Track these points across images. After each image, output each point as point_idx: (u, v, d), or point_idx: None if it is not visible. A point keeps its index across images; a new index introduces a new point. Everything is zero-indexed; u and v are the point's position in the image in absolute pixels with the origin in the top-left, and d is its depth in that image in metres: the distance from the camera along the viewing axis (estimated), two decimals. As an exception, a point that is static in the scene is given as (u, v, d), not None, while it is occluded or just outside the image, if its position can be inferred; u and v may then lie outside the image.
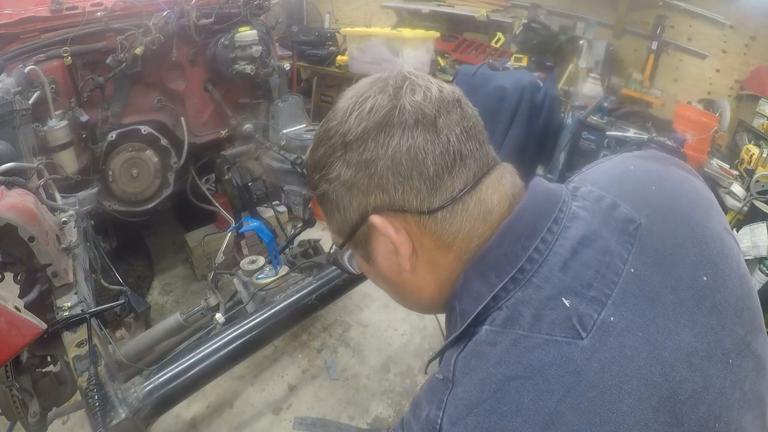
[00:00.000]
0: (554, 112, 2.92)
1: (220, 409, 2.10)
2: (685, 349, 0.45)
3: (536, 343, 0.44)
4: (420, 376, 2.28)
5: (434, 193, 0.51)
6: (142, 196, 2.24)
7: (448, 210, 0.52)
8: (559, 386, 0.42)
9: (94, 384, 1.05)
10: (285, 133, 2.30)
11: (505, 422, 0.42)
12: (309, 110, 3.71)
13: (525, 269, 0.48)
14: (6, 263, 1.22)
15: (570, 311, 0.45)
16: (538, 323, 0.45)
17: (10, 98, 1.50)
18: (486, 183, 0.53)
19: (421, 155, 0.50)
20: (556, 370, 0.43)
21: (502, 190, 0.54)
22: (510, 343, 0.45)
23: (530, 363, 0.43)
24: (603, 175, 0.60)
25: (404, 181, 0.51)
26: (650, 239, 0.50)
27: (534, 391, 0.42)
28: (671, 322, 0.46)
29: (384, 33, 3.45)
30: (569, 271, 0.47)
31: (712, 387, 0.45)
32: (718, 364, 0.46)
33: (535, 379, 0.43)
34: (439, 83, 0.54)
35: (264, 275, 1.65)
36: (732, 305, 0.50)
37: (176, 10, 2.04)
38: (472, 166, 0.52)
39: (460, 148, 0.52)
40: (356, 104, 0.53)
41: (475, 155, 0.53)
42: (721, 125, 3.12)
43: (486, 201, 0.53)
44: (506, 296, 0.48)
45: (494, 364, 0.45)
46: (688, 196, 0.57)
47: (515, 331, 0.46)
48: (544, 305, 0.46)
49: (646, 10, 3.50)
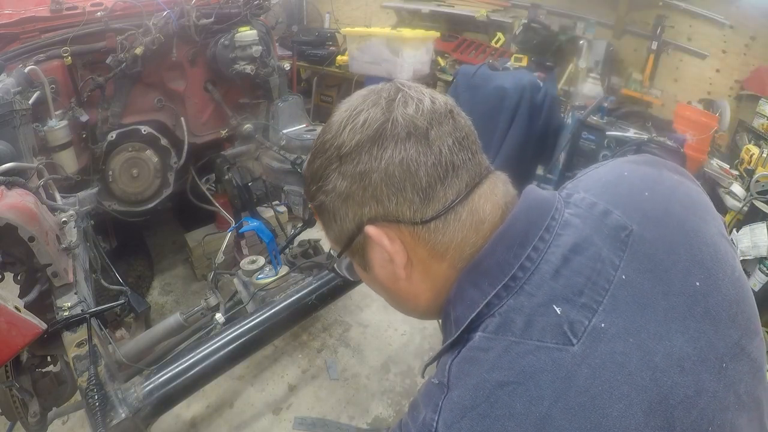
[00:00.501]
0: (554, 112, 2.92)
1: (220, 409, 2.10)
2: (677, 354, 0.46)
3: (528, 349, 0.45)
4: (420, 377, 2.28)
5: (427, 204, 0.52)
6: (142, 196, 2.24)
7: (441, 220, 0.53)
8: (550, 391, 0.43)
9: (94, 384, 1.05)
10: (285, 133, 2.30)
11: (498, 426, 0.43)
12: (309, 110, 3.71)
13: (517, 277, 0.49)
14: (6, 263, 1.22)
15: (561, 318, 0.46)
16: (530, 330, 0.46)
17: (10, 98, 1.50)
18: (478, 192, 0.54)
19: (413, 167, 0.51)
20: (548, 376, 0.43)
21: (495, 200, 0.55)
22: (502, 350, 0.46)
23: (522, 369, 0.44)
24: (596, 182, 0.61)
25: (397, 192, 0.52)
26: (642, 245, 0.51)
27: (526, 396, 0.43)
28: (663, 328, 0.47)
29: (384, 33, 3.45)
30: (560, 279, 0.48)
31: (705, 391, 0.45)
32: (711, 368, 0.47)
33: (527, 385, 0.43)
34: (432, 94, 0.55)
35: (264, 275, 1.65)
36: (725, 309, 0.50)
37: (176, 10, 2.04)
38: (465, 176, 0.53)
39: (453, 159, 0.52)
40: (350, 117, 0.54)
41: (467, 165, 0.54)
42: (721, 125, 3.12)
43: (478, 210, 0.54)
44: (499, 303, 0.49)
45: (487, 369, 0.46)
46: (681, 201, 0.57)
47: (507, 338, 0.47)
48: (535, 312, 0.47)
49: (646, 10, 3.50)
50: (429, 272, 0.56)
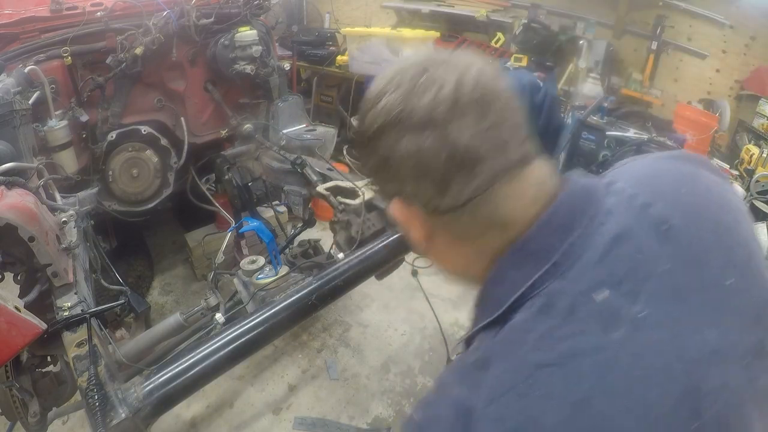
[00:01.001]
0: (554, 112, 2.92)
1: (220, 409, 2.10)
2: (709, 347, 0.47)
3: (569, 332, 0.46)
4: (420, 376, 2.28)
5: (443, 195, 0.52)
6: (142, 196, 2.24)
7: (460, 211, 0.53)
8: (590, 375, 0.44)
9: (94, 384, 1.05)
10: (285, 133, 2.30)
11: (536, 406, 0.44)
12: (309, 110, 3.71)
13: (561, 262, 0.50)
14: (6, 263, 1.22)
15: (603, 305, 0.47)
16: (573, 314, 0.47)
17: (10, 98, 1.50)
18: (510, 182, 0.52)
19: (427, 159, 0.51)
20: (588, 360, 0.45)
21: (534, 187, 0.54)
22: (544, 331, 0.47)
23: (563, 351, 0.46)
24: (636, 174, 0.62)
25: (414, 180, 0.53)
26: (681, 240, 0.52)
27: (565, 378, 0.44)
28: (697, 320, 0.48)
29: (384, 33, 3.45)
30: (604, 267, 0.49)
31: (731, 384, 0.47)
32: (737, 363, 0.49)
33: (568, 367, 0.45)
34: (462, 76, 0.51)
35: (264, 275, 1.65)
36: (753, 309, 0.52)
37: (176, 10, 2.04)
38: (491, 167, 0.51)
39: (476, 150, 0.50)
40: (375, 99, 0.54)
41: (496, 155, 0.51)
42: (721, 125, 3.12)
43: (510, 198, 0.53)
44: (542, 286, 0.50)
45: (528, 350, 0.47)
46: (717, 201, 0.59)
47: (549, 321, 0.48)
48: (578, 297, 0.48)
49: (646, 10, 3.50)
50: (451, 251, 0.59)
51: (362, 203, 1.70)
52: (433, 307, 2.34)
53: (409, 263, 1.78)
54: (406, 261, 1.87)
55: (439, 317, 2.37)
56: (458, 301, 2.73)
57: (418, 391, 2.21)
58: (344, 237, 1.72)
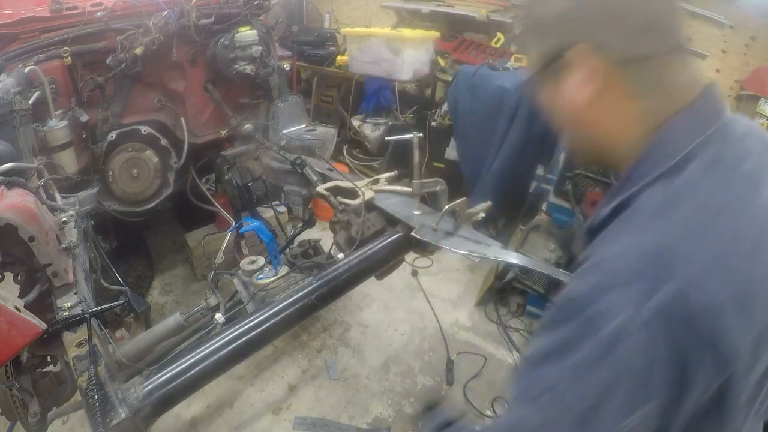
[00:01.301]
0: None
1: (220, 409, 2.10)
2: None
3: (736, 180, 0.55)
4: (420, 376, 2.29)
5: (635, 45, 0.57)
6: (142, 196, 2.24)
7: (649, 65, 0.57)
8: (758, 214, 0.54)
9: (94, 384, 1.04)
10: (285, 133, 2.30)
11: (728, 243, 0.51)
12: (309, 110, 3.71)
13: (719, 132, 0.57)
14: (6, 263, 1.22)
15: (751, 171, 0.56)
16: (734, 172, 0.56)
17: (10, 98, 1.51)
18: (683, 57, 0.59)
19: (639, 4, 0.56)
20: (756, 210, 0.54)
21: (693, 74, 0.61)
22: (718, 182, 0.55)
23: (736, 193, 0.54)
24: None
25: (608, 23, 0.57)
26: None
27: (738, 216, 0.53)
28: None
29: (384, 33, 3.45)
30: (744, 143, 0.58)
31: None
32: None
33: (746, 211, 0.54)
34: None
35: (264, 275, 1.64)
36: None
37: (176, 10, 2.04)
38: (678, 33, 0.58)
39: (675, 16, 0.58)
40: None
41: (679, 26, 0.59)
42: (721, 125, 3.12)
43: (684, 70, 0.59)
44: (709, 145, 0.56)
45: (709, 195, 0.54)
46: None
47: (719, 174, 0.55)
48: (736, 160, 0.56)
49: (646, 10, 3.49)
50: (615, 110, 0.61)
51: (362, 203, 1.69)
52: (433, 307, 2.34)
53: (409, 263, 1.78)
54: (406, 261, 1.87)
55: (439, 317, 2.38)
56: (458, 301, 2.74)
57: (418, 391, 2.21)
58: (344, 237, 1.72)
